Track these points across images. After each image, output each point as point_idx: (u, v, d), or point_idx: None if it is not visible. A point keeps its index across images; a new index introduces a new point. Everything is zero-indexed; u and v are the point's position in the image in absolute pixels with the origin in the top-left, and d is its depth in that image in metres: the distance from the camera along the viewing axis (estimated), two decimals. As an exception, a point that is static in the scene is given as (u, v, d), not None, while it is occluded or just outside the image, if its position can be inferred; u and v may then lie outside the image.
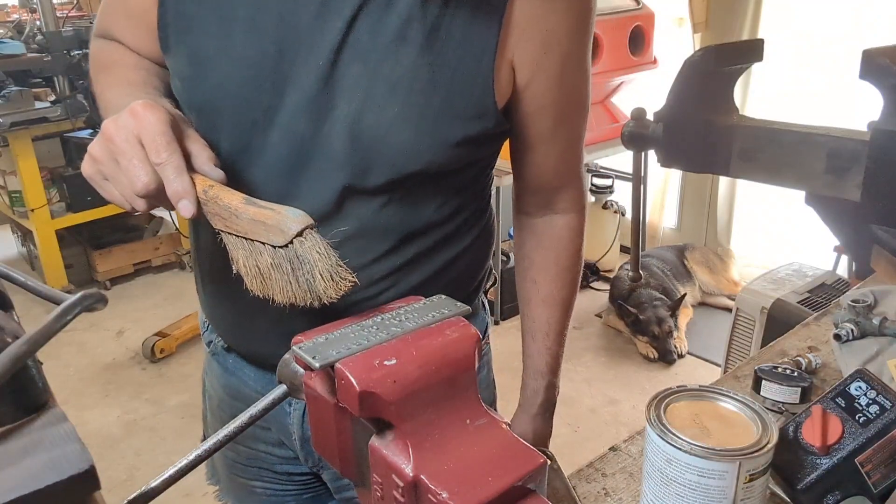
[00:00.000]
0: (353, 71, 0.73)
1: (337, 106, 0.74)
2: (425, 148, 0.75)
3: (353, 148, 0.75)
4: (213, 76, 0.76)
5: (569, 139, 0.90)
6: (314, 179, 0.76)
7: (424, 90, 0.74)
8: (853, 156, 1.45)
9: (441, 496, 0.43)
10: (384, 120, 0.74)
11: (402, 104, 0.74)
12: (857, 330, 0.96)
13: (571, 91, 0.85)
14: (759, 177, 1.71)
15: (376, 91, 0.73)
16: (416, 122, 0.74)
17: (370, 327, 0.52)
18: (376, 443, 0.47)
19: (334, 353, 0.48)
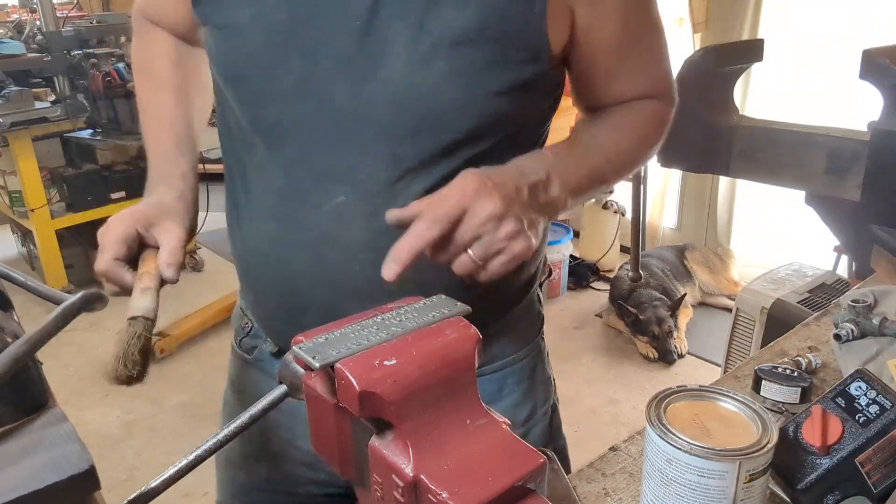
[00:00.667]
0: (393, 28, 0.69)
1: (378, 68, 0.69)
2: (477, 100, 0.71)
3: (399, 113, 0.70)
4: (245, 46, 0.72)
5: (644, 61, 0.83)
6: (359, 153, 0.72)
7: (473, 40, 0.69)
8: (853, 156, 1.45)
9: (441, 496, 0.43)
10: (431, 78, 0.69)
11: (448, 58, 0.69)
12: (857, 330, 0.96)
13: (638, 16, 0.79)
14: (759, 177, 1.71)
15: (420, 47, 0.68)
16: (466, 75, 0.70)
17: (370, 327, 0.52)
18: (376, 443, 0.47)
19: (334, 353, 0.48)
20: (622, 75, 0.82)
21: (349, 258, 0.74)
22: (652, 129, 0.85)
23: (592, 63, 0.79)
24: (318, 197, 0.74)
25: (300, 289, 0.78)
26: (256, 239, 0.80)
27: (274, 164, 0.76)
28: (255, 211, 0.80)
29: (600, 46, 0.77)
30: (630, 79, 0.83)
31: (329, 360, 0.47)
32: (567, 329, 3.32)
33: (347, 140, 0.71)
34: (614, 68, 0.81)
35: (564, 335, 3.27)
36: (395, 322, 0.52)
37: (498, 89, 0.71)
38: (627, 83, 0.83)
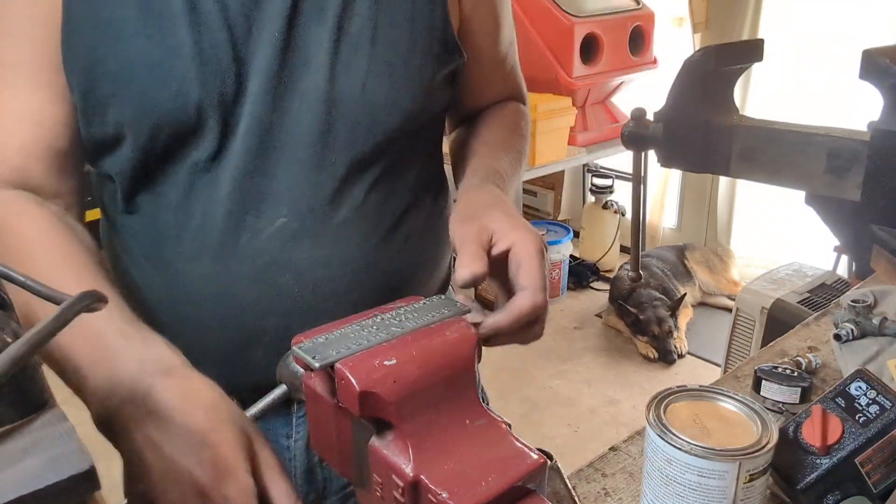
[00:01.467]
0: (312, 35, 0.68)
1: (302, 78, 0.68)
2: (404, 96, 0.72)
3: (327, 121, 0.69)
4: (168, 83, 0.65)
5: (510, 57, 0.92)
6: (294, 170, 0.69)
7: (388, 36, 0.71)
8: (853, 156, 1.45)
9: (441, 496, 0.43)
10: (357, 79, 0.69)
11: (370, 57, 0.70)
12: (857, 330, 0.96)
13: (504, 8, 0.87)
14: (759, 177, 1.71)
15: (341, 51, 0.69)
16: (388, 71, 0.71)
17: (370, 327, 0.52)
18: (376, 443, 0.47)
19: (334, 353, 0.48)
20: (499, 70, 0.90)
21: (301, 279, 0.71)
22: (526, 127, 0.93)
23: (478, 55, 0.84)
24: (257, 223, 0.70)
25: (247, 322, 0.72)
26: (186, 280, 0.71)
27: (203, 199, 0.70)
28: (180, 253, 0.71)
29: (483, 33, 0.84)
30: (502, 74, 0.92)
31: (329, 360, 0.47)
32: (567, 329, 3.32)
33: (280, 158, 0.69)
34: (494, 60, 0.88)
35: (564, 335, 3.27)
36: (395, 322, 0.52)
37: (420, 81, 0.73)
38: (501, 79, 0.92)
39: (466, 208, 0.68)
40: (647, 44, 3.27)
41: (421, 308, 0.55)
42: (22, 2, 0.66)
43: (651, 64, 3.32)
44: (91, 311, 0.45)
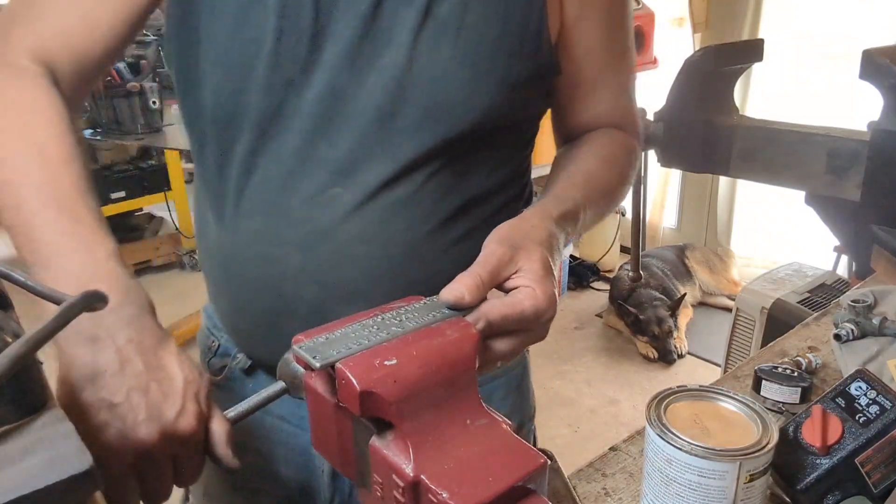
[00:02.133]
0: (400, 14, 0.67)
1: (382, 55, 0.68)
2: (483, 92, 0.69)
3: (400, 103, 0.68)
4: (246, 30, 0.68)
5: (620, 83, 0.84)
6: (358, 144, 0.69)
7: (478, 26, 0.68)
8: (853, 156, 1.45)
9: (441, 496, 0.43)
10: (437, 63, 0.68)
11: (454, 43, 0.68)
12: (857, 330, 0.96)
13: (619, 30, 0.80)
14: (759, 177, 1.71)
15: (426, 34, 0.67)
16: (471, 62, 0.68)
17: (371, 327, 0.52)
18: (376, 443, 0.47)
19: (335, 352, 0.48)
20: (601, 91, 0.83)
21: (340, 253, 0.71)
22: (627, 163, 0.84)
23: (577, 70, 0.79)
24: (311, 188, 0.71)
25: (287, 289, 0.73)
26: (239, 238, 0.74)
27: (265, 154, 0.72)
28: (238, 208, 0.74)
29: (586, 46, 0.78)
30: (607, 97, 0.83)
31: (330, 360, 0.47)
32: (567, 329, 3.32)
33: (347, 130, 0.69)
34: (597, 74, 0.81)
35: (564, 335, 3.27)
36: (395, 322, 0.52)
37: (504, 80, 0.70)
38: (604, 102, 0.83)
39: (512, 232, 0.63)
40: (647, 44, 3.26)
41: (421, 308, 0.55)
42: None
43: (651, 64, 3.32)
44: (91, 311, 0.45)
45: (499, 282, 0.59)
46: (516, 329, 0.58)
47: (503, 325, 0.56)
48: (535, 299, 0.57)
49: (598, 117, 0.84)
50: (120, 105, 3.05)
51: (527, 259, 0.59)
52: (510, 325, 0.57)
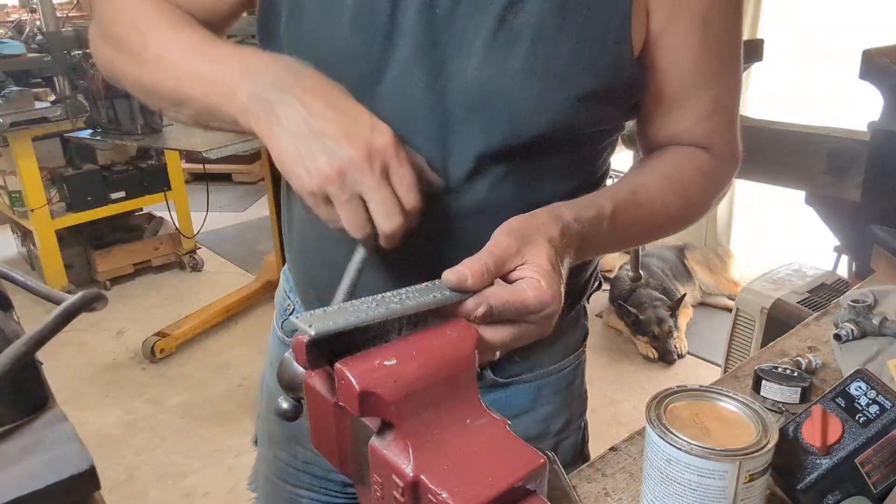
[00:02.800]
0: (473, 20, 0.66)
1: (452, 59, 0.67)
2: (550, 104, 0.68)
3: (468, 106, 0.68)
4: (324, 25, 0.69)
5: (712, 100, 0.77)
6: (430, 145, 0.69)
7: (552, 38, 0.66)
8: (853, 156, 1.45)
9: (441, 496, 0.43)
10: (506, 74, 0.67)
11: (526, 55, 0.66)
12: (857, 330, 0.95)
13: (716, 41, 0.73)
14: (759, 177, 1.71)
15: (498, 41, 0.66)
16: (541, 74, 0.67)
17: (369, 303, 0.51)
18: (376, 443, 0.47)
19: (331, 323, 0.48)
20: (686, 108, 0.77)
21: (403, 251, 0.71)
22: (697, 185, 0.78)
23: (661, 83, 0.75)
24: None
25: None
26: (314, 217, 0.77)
27: None
28: None
29: (672, 58, 0.73)
30: (693, 115, 0.77)
31: (325, 330, 0.47)
32: (567, 329, 3.32)
33: (415, 131, 0.69)
34: (681, 95, 0.76)
35: (564, 335, 3.27)
36: (395, 300, 0.52)
37: (576, 93, 0.68)
38: (689, 120, 0.77)
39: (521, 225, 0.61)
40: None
41: (423, 289, 0.54)
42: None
43: (651, 64, 3.31)
44: (91, 311, 0.45)
45: (503, 272, 0.57)
46: (517, 319, 0.57)
47: (504, 311, 0.55)
48: (539, 290, 0.56)
49: (680, 135, 0.79)
50: (120, 105, 3.05)
51: (534, 253, 0.58)
52: (511, 313, 0.56)
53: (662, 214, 0.75)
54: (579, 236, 0.65)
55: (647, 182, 0.75)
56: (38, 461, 0.36)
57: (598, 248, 0.72)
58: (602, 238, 0.69)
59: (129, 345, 3.24)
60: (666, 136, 0.79)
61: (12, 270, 0.43)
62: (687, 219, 0.79)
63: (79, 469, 0.36)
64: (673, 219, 0.77)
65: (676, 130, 0.79)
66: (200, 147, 2.56)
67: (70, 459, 0.36)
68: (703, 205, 0.80)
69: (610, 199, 0.70)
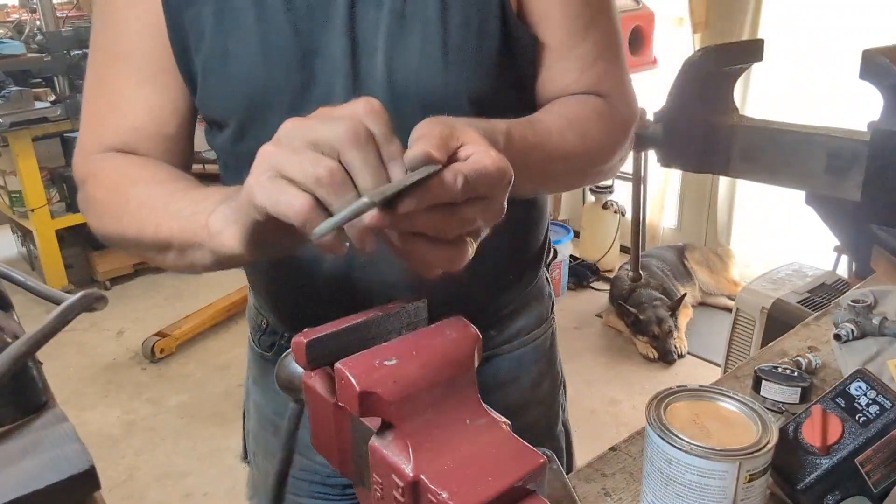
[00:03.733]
0: (370, 17, 0.69)
1: (362, 61, 0.69)
2: (461, 78, 0.69)
3: (393, 103, 0.67)
4: (239, 73, 0.70)
5: (592, 48, 0.77)
6: None
7: (441, 14, 0.69)
8: (853, 156, 1.45)
9: (441, 496, 0.43)
10: (410, 59, 0.69)
11: (422, 40, 0.68)
12: (857, 330, 0.95)
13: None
14: (759, 177, 1.71)
15: (393, 31, 0.68)
16: (443, 52, 0.69)
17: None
18: (376, 443, 0.47)
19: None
20: (567, 60, 0.77)
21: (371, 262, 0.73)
22: (596, 126, 0.76)
23: (538, 36, 0.76)
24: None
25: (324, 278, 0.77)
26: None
27: None
28: None
29: (541, 13, 0.75)
30: (575, 65, 0.77)
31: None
32: (567, 329, 3.32)
33: None
34: (559, 47, 0.76)
35: (564, 335, 3.26)
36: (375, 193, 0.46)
37: (477, 62, 0.70)
38: (572, 71, 0.77)
39: (438, 117, 0.54)
40: (646, 44, 3.26)
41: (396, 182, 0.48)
42: (127, 3, 0.74)
43: (651, 64, 3.32)
44: (91, 311, 0.45)
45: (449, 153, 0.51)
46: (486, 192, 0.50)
47: (476, 181, 0.49)
48: (492, 157, 0.50)
49: (568, 88, 0.78)
50: (120, 105, 3.05)
51: (467, 134, 0.52)
52: (482, 184, 0.49)
53: (561, 147, 0.72)
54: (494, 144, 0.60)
55: (543, 118, 0.73)
56: (38, 461, 0.36)
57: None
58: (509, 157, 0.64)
59: (129, 345, 3.24)
60: (555, 92, 0.78)
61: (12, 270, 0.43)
62: (586, 159, 0.76)
63: (79, 469, 0.36)
64: (572, 155, 0.73)
65: (563, 84, 0.78)
66: (200, 147, 2.56)
67: (70, 459, 0.36)
68: (604, 149, 0.78)
69: (504, 122, 0.66)
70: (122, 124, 0.76)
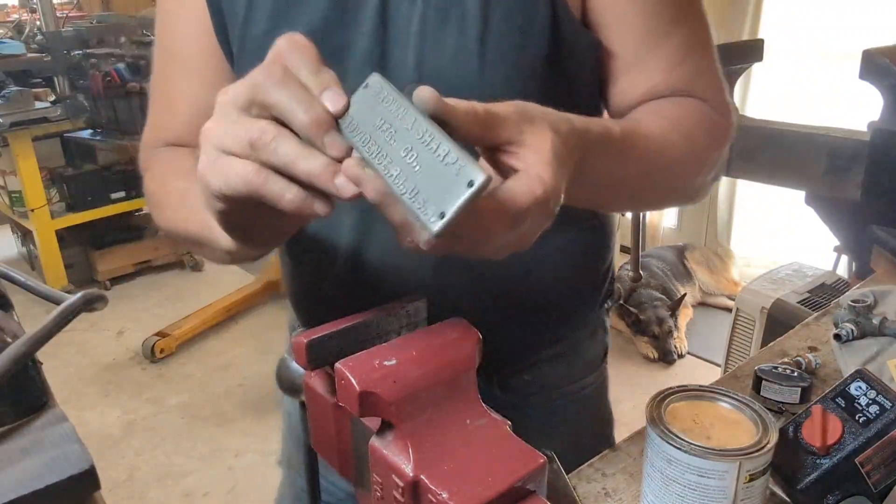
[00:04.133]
0: (403, 9, 0.64)
1: (393, 51, 0.64)
2: (498, 78, 0.63)
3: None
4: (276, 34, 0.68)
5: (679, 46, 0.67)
6: None
7: (479, 5, 0.62)
8: (853, 156, 1.45)
9: (441, 496, 0.43)
10: (444, 57, 0.63)
11: (458, 33, 0.62)
12: (857, 330, 0.95)
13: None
14: (759, 177, 1.71)
15: (428, 25, 0.63)
16: (476, 51, 0.62)
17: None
18: (376, 443, 0.47)
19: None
20: (650, 61, 0.68)
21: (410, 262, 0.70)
22: (700, 129, 0.66)
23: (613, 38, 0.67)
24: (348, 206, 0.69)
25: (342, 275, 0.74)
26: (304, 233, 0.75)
27: None
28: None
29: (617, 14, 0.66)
30: (660, 66, 0.68)
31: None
32: (567, 329, 3.32)
33: None
34: (639, 47, 0.67)
35: (564, 335, 3.27)
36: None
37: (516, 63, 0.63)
38: (658, 72, 0.68)
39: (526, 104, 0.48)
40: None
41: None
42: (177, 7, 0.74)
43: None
44: (91, 311, 0.45)
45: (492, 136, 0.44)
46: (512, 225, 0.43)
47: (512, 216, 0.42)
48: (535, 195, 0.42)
49: (654, 90, 0.68)
50: (119, 105, 3.05)
51: (535, 135, 0.44)
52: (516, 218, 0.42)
53: (668, 153, 0.63)
54: (583, 149, 0.50)
55: (644, 118, 0.64)
56: (38, 461, 0.36)
57: (599, 178, 0.57)
58: (606, 163, 0.56)
59: (129, 345, 3.24)
60: (638, 97, 0.69)
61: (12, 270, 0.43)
62: (692, 164, 0.67)
63: (79, 469, 0.36)
64: (679, 162, 0.64)
65: (648, 87, 0.68)
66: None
67: (70, 459, 0.36)
68: (709, 151, 0.68)
69: (615, 123, 0.58)
70: (176, 120, 0.77)
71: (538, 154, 0.44)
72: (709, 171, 0.69)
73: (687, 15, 0.69)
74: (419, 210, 0.40)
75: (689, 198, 0.72)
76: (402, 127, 0.42)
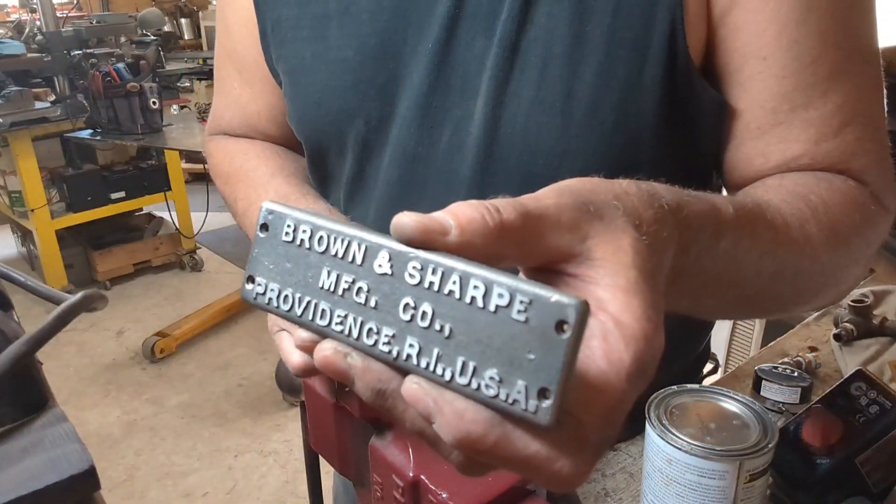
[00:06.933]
0: (475, 48, 0.52)
1: (456, 104, 0.53)
2: (586, 145, 0.50)
3: (483, 162, 0.52)
4: (311, 92, 0.59)
5: (844, 105, 0.50)
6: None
7: (568, 47, 0.49)
8: (853, 156, 1.45)
9: (441, 496, 0.43)
10: (517, 110, 0.51)
11: (538, 82, 0.50)
12: (857, 330, 0.96)
13: (827, 16, 0.48)
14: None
15: (501, 68, 0.50)
16: (562, 106, 0.49)
17: None
18: (376, 443, 0.47)
19: None
20: (789, 125, 0.51)
21: None
22: (851, 226, 0.48)
23: (740, 93, 0.52)
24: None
25: None
26: None
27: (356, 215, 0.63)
28: None
29: (756, 58, 0.50)
30: (805, 133, 0.51)
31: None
32: (567, 329, 3.32)
33: (426, 198, 0.55)
34: (776, 106, 0.50)
35: (564, 335, 3.27)
36: None
37: (615, 124, 0.50)
38: (798, 141, 0.51)
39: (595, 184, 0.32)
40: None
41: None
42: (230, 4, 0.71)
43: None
44: (91, 311, 0.45)
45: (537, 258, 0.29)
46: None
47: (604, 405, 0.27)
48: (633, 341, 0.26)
49: (793, 163, 0.52)
50: (120, 105, 3.05)
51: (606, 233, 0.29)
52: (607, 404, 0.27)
53: (805, 247, 0.45)
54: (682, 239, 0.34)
55: (773, 200, 0.45)
56: (38, 461, 0.36)
57: (703, 283, 0.39)
58: (713, 258, 0.38)
59: (129, 345, 3.24)
60: (769, 169, 0.53)
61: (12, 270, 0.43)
62: (831, 270, 0.49)
63: (79, 469, 0.36)
64: (819, 260, 0.46)
65: (784, 159, 0.52)
66: (200, 147, 2.56)
67: (70, 459, 0.36)
68: (859, 249, 0.51)
69: (727, 201, 0.40)
70: (228, 113, 0.78)
71: (616, 276, 0.27)
72: (861, 268, 0.54)
73: (855, 64, 0.50)
74: (491, 395, 0.24)
75: (818, 308, 0.56)
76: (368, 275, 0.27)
